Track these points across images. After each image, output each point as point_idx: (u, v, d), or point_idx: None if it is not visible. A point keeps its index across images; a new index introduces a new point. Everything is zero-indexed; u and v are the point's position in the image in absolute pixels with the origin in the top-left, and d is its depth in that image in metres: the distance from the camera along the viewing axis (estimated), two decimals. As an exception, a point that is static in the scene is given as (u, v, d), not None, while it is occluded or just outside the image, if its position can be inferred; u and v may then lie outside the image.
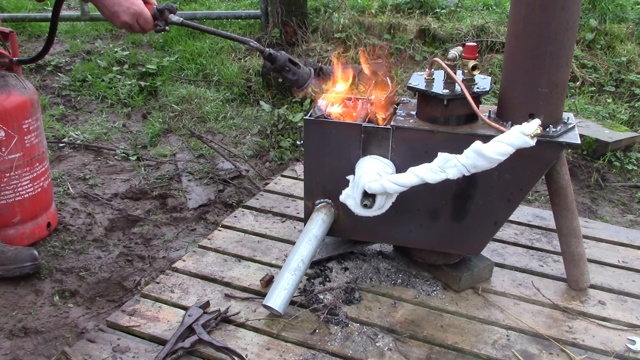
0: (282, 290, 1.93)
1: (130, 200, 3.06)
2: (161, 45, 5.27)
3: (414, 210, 2.04)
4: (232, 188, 3.17)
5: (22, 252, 2.35)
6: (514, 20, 1.84)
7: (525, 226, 2.58)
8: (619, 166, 3.43)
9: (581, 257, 2.09)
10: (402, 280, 2.18)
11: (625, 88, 4.48)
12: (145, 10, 1.84)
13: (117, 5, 1.80)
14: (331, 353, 1.83)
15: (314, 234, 2.04)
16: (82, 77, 4.65)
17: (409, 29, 5.12)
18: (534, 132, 1.70)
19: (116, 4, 1.80)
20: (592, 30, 4.94)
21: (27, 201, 2.51)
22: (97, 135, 3.82)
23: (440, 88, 1.91)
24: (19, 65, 2.50)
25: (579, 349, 1.88)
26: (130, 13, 1.81)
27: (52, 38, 2.35)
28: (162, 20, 1.89)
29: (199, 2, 6.50)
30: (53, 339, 2.08)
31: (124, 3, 1.81)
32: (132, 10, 1.81)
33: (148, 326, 1.93)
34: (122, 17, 1.82)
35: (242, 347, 1.84)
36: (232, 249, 2.37)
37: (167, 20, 1.90)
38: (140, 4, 1.83)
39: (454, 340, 1.89)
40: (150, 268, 2.49)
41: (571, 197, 2.04)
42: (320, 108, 2.10)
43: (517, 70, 1.87)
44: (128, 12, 1.81)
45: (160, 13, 1.87)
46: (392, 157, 1.98)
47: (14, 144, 2.40)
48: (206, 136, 3.81)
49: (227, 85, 4.51)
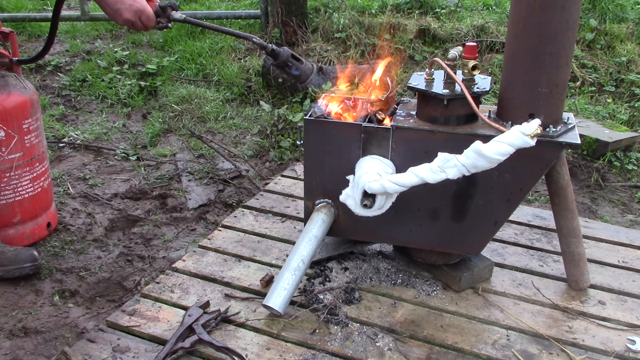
0: (282, 290, 1.93)
1: (130, 200, 3.06)
2: (161, 45, 5.27)
3: (414, 210, 2.04)
4: (232, 188, 3.17)
5: (22, 252, 2.35)
6: (514, 20, 1.84)
7: (525, 226, 2.58)
8: (619, 166, 3.43)
9: (581, 257, 2.09)
10: (402, 280, 2.18)
11: (625, 88, 4.48)
12: (147, 7, 1.84)
13: (119, 2, 1.80)
14: (331, 353, 1.83)
15: (314, 234, 2.04)
16: (82, 77, 4.65)
17: (409, 29, 5.12)
18: (534, 132, 1.70)
19: (119, 2, 1.80)
20: (592, 30, 4.94)
21: (27, 201, 2.51)
22: (97, 135, 3.82)
23: (440, 88, 1.91)
24: (19, 65, 2.50)
25: (579, 349, 1.88)
26: (132, 10, 1.81)
27: (52, 38, 2.35)
28: (164, 17, 1.89)
29: (199, 2, 6.50)
30: (53, 339, 2.08)
31: (126, 1, 1.80)
32: (134, 8, 1.81)
33: (148, 326, 1.93)
34: (124, 15, 1.81)
35: (242, 347, 1.84)
36: (232, 249, 2.37)
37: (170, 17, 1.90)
38: (142, 2, 1.83)
39: (454, 340, 1.89)
40: (150, 268, 2.49)
41: (571, 197, 2.04)
42: (320, 108, 2.09)
43: (517, 70, 1.87)
44: (130, 10, 1.80)
45: (162, 10, 1.87)
46: (392, 157, 1.98)
47: (14, 144, 2.40)
48: (206, 136, 3.81)
49: (227, 85, 4.51)
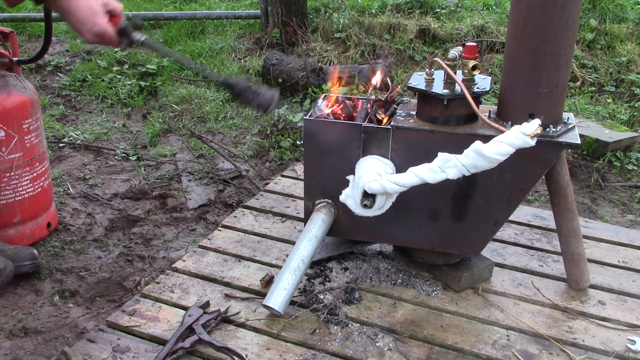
0: (282, 290, 1.93)
1: (130, 200, 3.06)
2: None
3: (414, 210, 2.04)
4: (232, 188, 3.16)
5: (21, 251, 2.35)
6: (514, 20, 1.84)
7: (525, 226, 2.58)
8: (619, 166, 3.43)
9: (581, 257, 2.09)
10: (402, 280, 2.17)
11: (625, 88, 4.48)
12: (108, 29, 1.75)
13: (80, 23, 1.72)
14: (331, 353, 1.83)
15: (314, 234, 2.04)
16: (82, 77, 4.65)
17: (409, 29, 5.12)
18: (534, 132, 1.70)
19: (79, 23, 1.72)
20: (592, 30, 4.94)
21: (27, 201, 2.51)
22: (97, 135, 3.82)
23: (440, 88, 1.91)
24: (19, 65, 2.50)
25: (579, 349, 1.88)
26: (92, 33, 1.73)
27: (49, 37, 2.35)
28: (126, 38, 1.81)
29: (199, 2, 6.50)
30: (53, 339, 2.08)
31: (86, 23, 1.72)
32: (94, 30, 1.73)
33: (148, 326, 1.93)
34: (85, 36, 1.75)
35: (242, 347, 1.84)
36: (232, 249, 2.37)
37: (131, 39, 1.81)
38: (103, 24, 1.73)
39: (454, 340, 1.89)
40: (150, 268, 2.49)
41: (571, 197, 2.04)
42: (320, 108, 2.10)
43: (517, 70, 1.87)
44: (91, 32, 1.73)
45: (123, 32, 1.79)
46: (392, 157, 1.98)
47: (14, 144, 2.40)
48: (206, 136, 3.81)
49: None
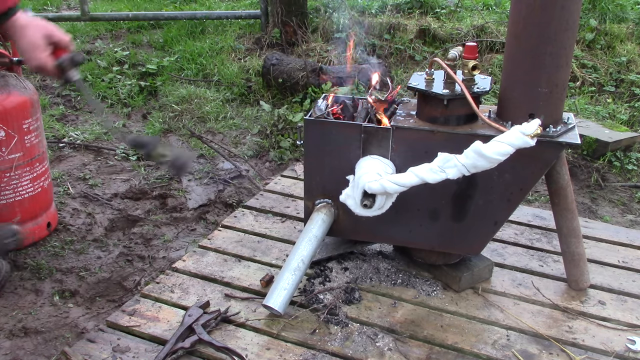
0: (282, 290, 1.93)
1: (130, 200, 3.06)
2: (161, 46, 5.27)
3: (414, 210, 2.04)
4: (232, 188, 3.17)
5: (1, 228, 2.30)
6: (514, 20, 1.84)
7: (525, 226, 2.58)
8: (619, 166, 3.43)
9: (581, 257, 2.09)
10: (402, 280, 2.17)
11: (625, 88, 4.47)
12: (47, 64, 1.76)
13: (23, 53, 1.77)
14: (331, 353, 1.83)
15: (314, 234, 2.04)
16: (82, 77, 4.65)
17: (409, 29, 5.12)
18: (534, 132, 1.70)
19: (23, 52, 1.76)
20: (592, 30, 4.94)
21: (27, 201, 2.51)
22: (97, 135, 3.83)
23: (440, 88, 1.91)
24: (19, 65, 2.50)
25: (579, 349, 1.88)
26: (32, 65, 1.77)
27: None
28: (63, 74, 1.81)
29: (199, 2, 6.50)
30: (53, 339, 2.08)
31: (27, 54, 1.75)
32: (33, 64, 1.76)
33: (148, 326, 1.93)
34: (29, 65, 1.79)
35: (242, 347, 1.84)
36: (232, 249, 2.37)
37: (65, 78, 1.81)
38: (41, 59, 1.75)
39: (454, 340, 1.89)
40: (150, 268, 2.49)
41: (571, 197, 2.04)
42: (320, 108, 2.09)
43: (517, 70, 1.87)
44: (31, 64, 1.77)
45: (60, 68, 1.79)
46: (392, 157, 1.98)
47: (14, 144, 2.40)
48: (206, 136, 3.81)
49: (227, 85, 4.51)
